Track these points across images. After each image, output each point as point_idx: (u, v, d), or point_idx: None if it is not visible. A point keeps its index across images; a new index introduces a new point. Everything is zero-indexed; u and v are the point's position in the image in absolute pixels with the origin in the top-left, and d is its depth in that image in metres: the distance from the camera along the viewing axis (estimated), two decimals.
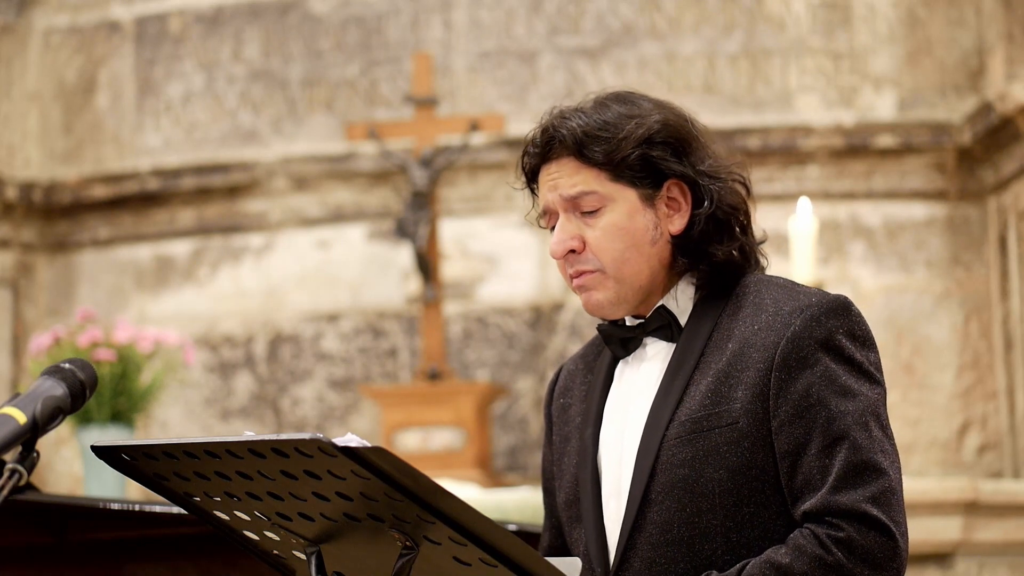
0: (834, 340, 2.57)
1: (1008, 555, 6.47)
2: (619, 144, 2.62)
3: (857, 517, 2.50)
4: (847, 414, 2.54)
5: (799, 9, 8.17)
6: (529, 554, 2.30)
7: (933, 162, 8.00)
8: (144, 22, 8.92)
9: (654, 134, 2.63)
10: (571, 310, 8.26)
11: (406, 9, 8.55)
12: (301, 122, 8.65)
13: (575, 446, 2.74)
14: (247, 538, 2.48)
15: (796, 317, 2.58)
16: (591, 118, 2.65)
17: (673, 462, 2.57)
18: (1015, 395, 7.63)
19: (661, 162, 2.64)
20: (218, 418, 8.58)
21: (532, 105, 8.35)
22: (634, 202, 2.64)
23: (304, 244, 8.60)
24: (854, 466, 2.52)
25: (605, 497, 2.65)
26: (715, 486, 2.55)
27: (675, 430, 2.58)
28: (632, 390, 2.68)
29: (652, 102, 2.69)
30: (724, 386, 2.58)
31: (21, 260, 8.91)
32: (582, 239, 2.65)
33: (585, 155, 2.64)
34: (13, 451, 2.22)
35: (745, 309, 2.63)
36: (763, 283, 2.67)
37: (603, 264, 2.64)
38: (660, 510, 2.57)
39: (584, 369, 2.82)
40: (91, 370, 2.32)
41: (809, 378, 2.55)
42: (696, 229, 2.65)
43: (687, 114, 2.70)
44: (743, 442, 2.55)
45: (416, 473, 2.20)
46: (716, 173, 2.67)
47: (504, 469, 8.14)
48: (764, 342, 2.58)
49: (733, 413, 2.56)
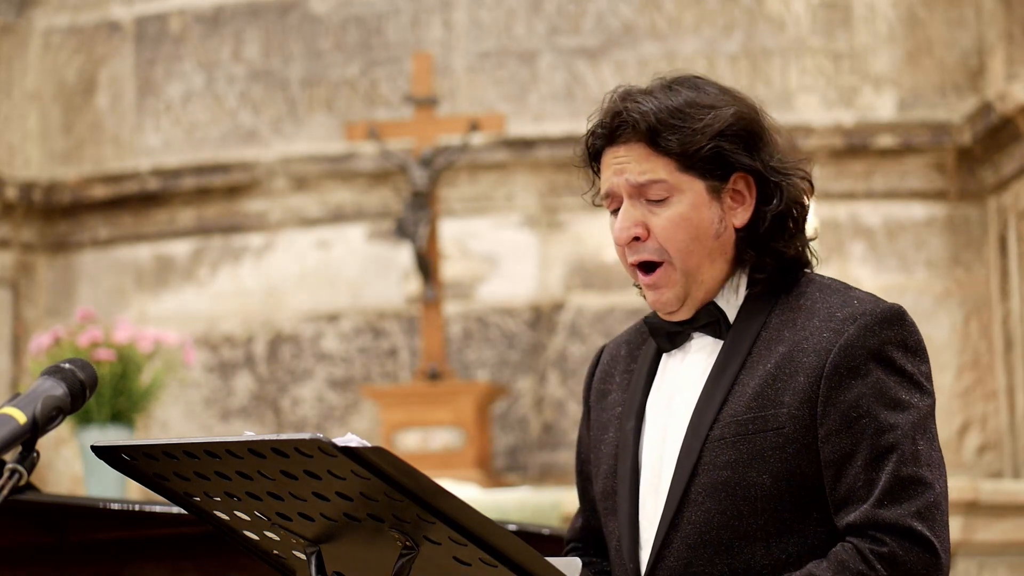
0: (886, 350, 2.53)
1: (1008, 555, 6.47)
2: (694, 135, 2.56)
3: (902, 532, 2.47)
4: (896, 427, 2.50)
5: (799, 9, 8.17)
6: (529, 554, 2.29)
7: (933, 162, 8.01)
8: (144, 22, 8.92)
9: (728, 127, 2.58)
10: (571, 310, 8.26)
11: (406, 9, 8.55)
12: (301, 122, 8.65)
13: (613, 437, 2.69)
14: (247, 538, 2.47)
15: (850, 325, 2.53)
16: (663, 103, 2.59)
17: (716, 463, 2.53)
18: (1015, 395, 7.63)
19: (732, 155, 2.58)
20: (218, 418, 8.58)
21: (532, 105, 8.36)
22: (701, 193, 2.59)
23: (304, 244, 8.60)
24: (901, 480, 2.49)
25: (643, 493, 2.62)
26: (758, 490, 2.52)
27: (719, 431, 2.54)
28: (676, 385, 2.64)
29: (719, 89, 2.64)
30: (771, 389, 2.54)
31: (21, 260, 8.91)
32: (647, 226, 2.61)
33: (657, 143, 2.58)
34: (13, 451, 2.22)
35: (797, 311, 2.59)
36: (816, 284, 2.63)
37: (669, 254, 2.60)
38: (699, 511, 2.54)
39: (627, 356, 2.77)
40: (91, 370, 2.32)
41: (859, 388, 2.51)
42: (763, 225, 2.60)
43: (758, 105, 2.65)
44: (788, 448, 2.51)
45: (416, 473, 2.20)
46: (785, 169, 2.63)
47: (504, 469, 8.14)
48: (815, 347, 2.54)
49: (780, 418, 2.52)
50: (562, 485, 7.72)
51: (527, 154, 8.34)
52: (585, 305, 8.26)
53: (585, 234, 8.28)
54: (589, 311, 8.24)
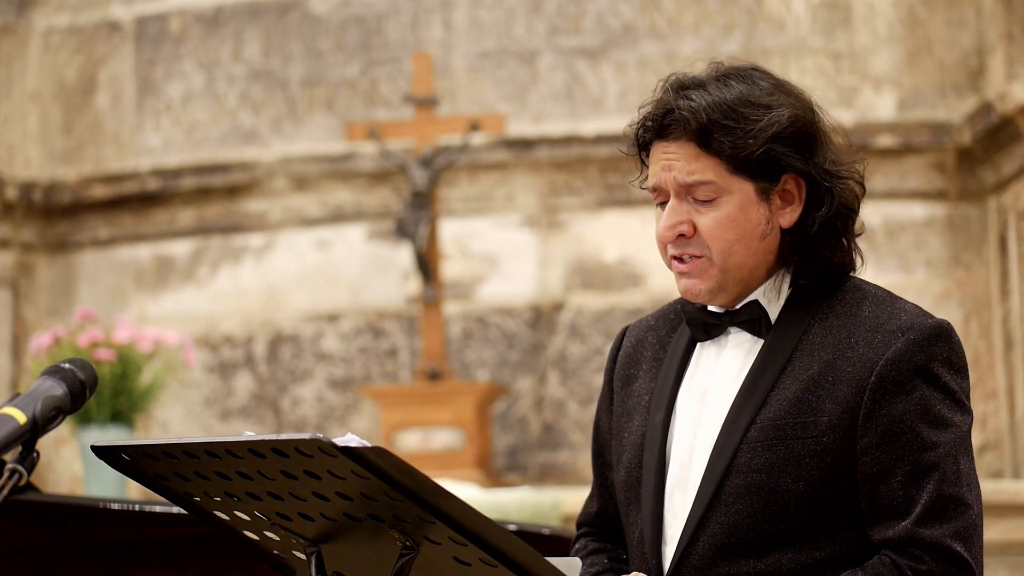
0: (933, 367, 2.50)
1: (1008, 555, 6.47)
2: (746, 138, 2.51)
3: (941, 552, 2.45)
4: (939, 445, 2.47)
5: (799, 9, 8.17)
6: (529, 554, 2.29)
7: (933, 162, 8.00)
8: (144, 22, 8.92)
9: (783, 130, 2.53)
10: (571, 310, 8.26)
11: (406, 9, 8.55)
12: (301, 122, 8.65)
13: (639, 426, 2.66)
14: (247, 538, 2.47)
15: (898, 338, 2.50)
16: (715, 99, 2.52)
17: (751, 466, 2.51)
18: (1015, 395, 7.63)
19: (784, 158, 2.54)
20: (218, 418, 8.58)
21: (532, 105, 8.36)
22: (750, 195, 2.54)
23: (304, 244, 8.60)
24: (941, 499, 2.46)
25: (669, 488, 2.59)
26: (791, 496, 2.49)
27: (756, 433, 2.51)
28: (710, 379, 2.61)
29: (773, 83, 2.58)
30: (813, 396, 2.50)
31: (21, 260, 8.91)
32: (693, 225, 2.55)
33: (709, 144, 2.52)
34: (13, 451, 2.22)
35: (842, 318, 2.55)
36: (861, 292, 2.59)
37: (712, 252, 2.54)
38: (730, 512, 2.51)
39: (655, 342, 2.72)
40: (91, 370, 2.32)
41: (904, 404, 2.48)
42: (811, 228, 2.56)
43: (812, 103, 2.60)
44: (826, 456, 2.48)
45: (416, 473, 2.20)
46: (837, 172, 2.58)
47: (504, 469, 8.14)
48: (861, 358, 2.50)
49: (820, 426, 2.49)
50: (562, 485, 7.71)
51: (527, 154, 8.34)
52: (585, 305, 8.26)
53: (585, 234, 8.28)
54: (589, 311, 8.24)
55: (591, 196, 8.30)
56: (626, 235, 8.19)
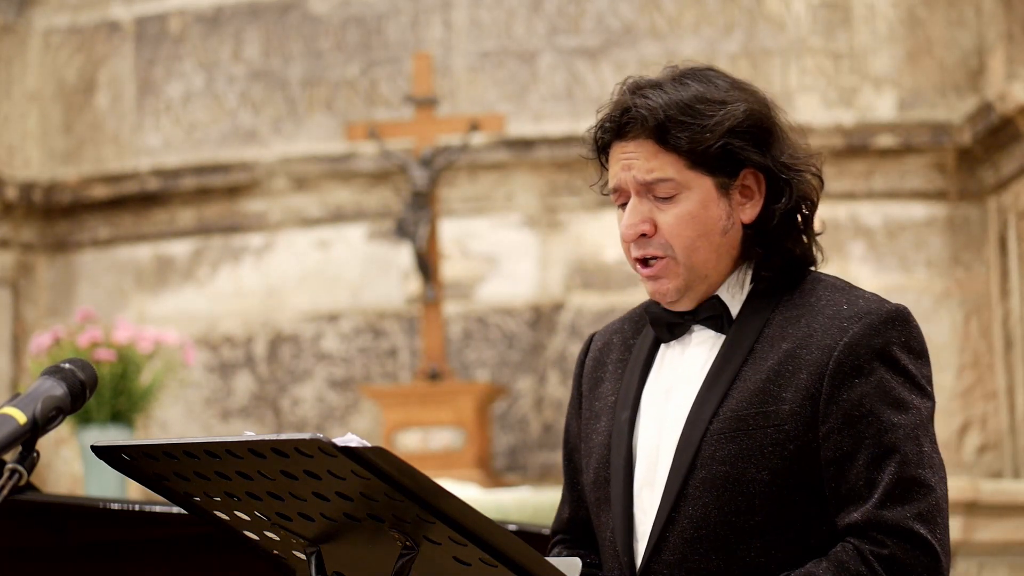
0: (891, 350, 2.51)
1: (1008, 555, 6.47)
2: (703, 133, 2.53)
3: (903, 534, 2.46)
4: (899, 427, 2.48)
5: (799, 9, 8.17)
6: (529, 554, 2.29)
7: (933, 162, 8.00)
8: (144, 22, 8.92)
9: (738, 124, 2.55)
10: (571, 310, 8.26)
11: (406, 9, 8.55)
12: (301, 122, 8.65)
13: (606, 426, 2.67)
14: (247, 538, 2.47)
15: (855, 323, 2.51)
16: (672, 98, 2.56)
17: (715, 458, 2.51)
18: (1015, 395, 7.63)
19: (742, 152, 2.55)
20: (218, 418, 8.58)
21: (532, 105, 8.36)
22: (709, 190, 2.56)
23: (304, 244, 8.60)
24: (903, 481, 2.46)
25: (638, 486, 2.60)
26: (756, 486, 2.49)
27: (719, 425, 2.52)
28: (674, 377, 2.62)
29: (730, 82, 2.61)
30: (774, 385, 2.52)
31: (21, 260, 8.91)
32: (654, 223, 2.57)
33: (666, 140, 2.54)
34: (13, 451, 2.22)
35: (801, 308, 2.57)
36: (820, 283, 2.60)
37: (674, 250, 2.57)
38: (697, 506, 2.52)
39: (621, 345, 2.73)
40: (91, 370, 2.32)
41: (863, 387, 2.49)
42: (771, 222, 2.58)
43: (768, 99, 2.62)
44: (788, 444, 2.49)
45: (416, 473, 2.20)
46: (795, 165, 2.59)
47: (504, 469, 8.14)
48: (819, 344, 2.51)
49: (781, 414, 2.50)
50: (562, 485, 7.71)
51: (527, 154, 8.34)
52: (585, 305, 8.26)
53: (585, 234, 8.28)
54: (589, 311, 8.23)
55: (591, 196, 8.27)
56: None
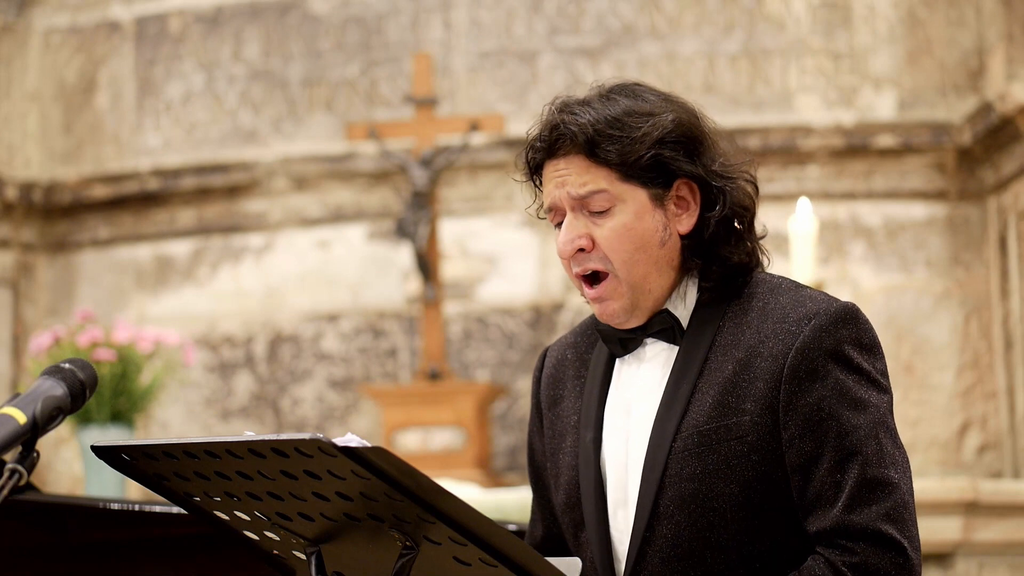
0: (842, 350, 2.51)
1: (1008, 555, 6.47)
2: (632, 144, 2.54)
3: (871, 537, 2.46)
4: (858, 428, 2.49)
5: (799, 9, 8.17)
6: (529, 554, 2.29)
7: (933, 162, 8.00)
8: (144, 22, 8.92)
9: (667, 134, 2.56)
10: (571, 310, 8.26)
11: (406, 9, 8.56)
12: (301, 122, 8.65)
13: (571, 447, 2.67)
14: (247, 538, 2.47)
15: (804, 326, 2.52)
16: (600, 113, 2.57)
17: (682, 476, 2.52)
18: (1015, 395, 7.63)
19: (673, 162, 2.57)
20: (218, 418, 8.58)
21: (532, 105, 8.35)
22: (644, 202, 2.57)
23: (304, 244, 8.60)
24: (867, 482, 2.47)
25: (611, 506, 2.60)
26: (726, 500, 2.50)
27: (682, 443, 2.53)
28: (634, 393, 2.63)
29: (658, 95, 2.62)
30: (732, 397, 2.52)
31: (21, 260, 8.91)
32: (591, 238, 2.60)
33: (596, 154, 2.56)
34: (13, 451, 2.22)
35: (750, 314, 2.57)
36: (767, 286, 2.61)
37: (613, 264, 2.59)
38: (671, 524, 2.53)
39: (575, 360, 2.75)
40: (91, 370, 2.32)
41: (819, 391, 2.49)
42: (707, 231, 2.58)
43: (697, 110, 2.64)
44: (753, 455, 2.50)
45: (416, 473, 2.20)
46: (727, 173, 2.61)
47: (504, 469, 8.14)
48: (772, 351, 2.52)
49: (743, 426, 2.51)
50: None
51: None
52: (585, 305, 8.22)
53: None
54: (589, 311, 8.22)
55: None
56: None
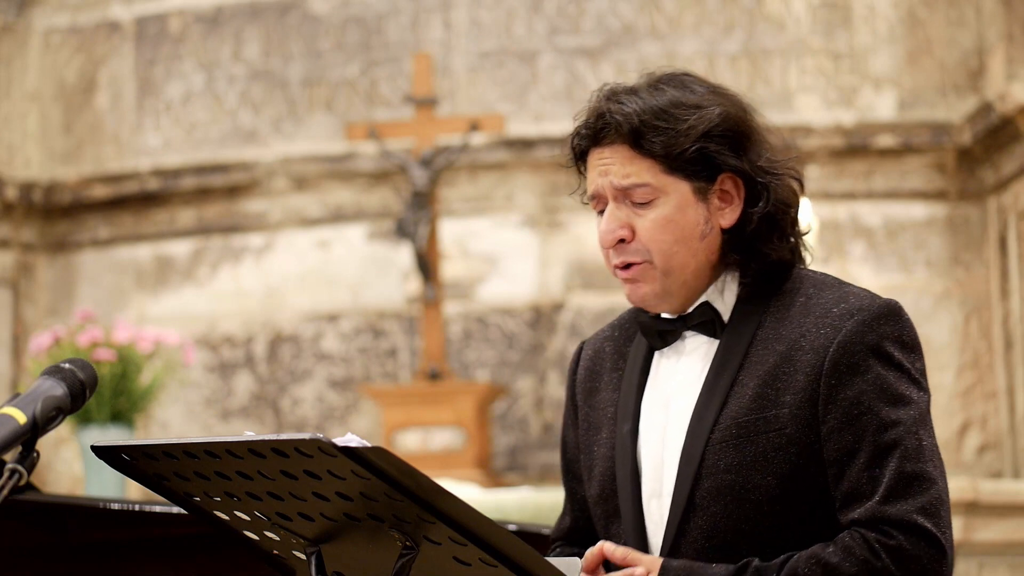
0: (884, 346, 2.51)
1: (1008, 555, 6.47)
2: (678, 137, 2.53)
3: (908, 528, 2.46)
4: (898, 422, 2.48)
5: (799, 9, 8.17)
6: (529, 554, 2.29)
7: (933, 162, 8.00)
8: (144, 22, 8.92)
9: (714, 127, 2.55)
10: (571, 310, 8.26)
11: (406, 9, 8.56)
12: (301, 122, 8.65)
13: (607, 439, 2.67)
14: (247, 538, 2.47)
15: (847, 320, 2.51)
16: (647, 103, 2.56)
17: (719, 467, 2.51)
18: (1015, 395, 7.63)
19: (718, 156, 2.55)
20: (218, 418, 8.58)
21: (532, 105, 8.36)
22: (687, 195, 2.56)
23: (304, 244, 8.60)
24: (905, 476, 2.47)
25: (646, 497, 2.60)
26: (762, 492, 2.50)
27: (720, 434, 2.52)
28: (672, 386, 2.61)
29: (707, 87, 2.61)
30: (771, 389, 2.52)
31: (21, 260, 8.91)
32: (632, 228, 2.57)
33: (641, 145, 2.55)
34: (13, 451, 2.22)
35: (792, 308, 2.56)
36: (810, 281, 2.60)
37: (651, 255, 2.56)
38: (706, 516, 2.52)
39: (613, 353, 2.73)
40: (91, 370, 2.32)
41: (860, 385, 2.49)
42: (749, 226, 2.57)
43: (746, 103, 2.62)
44: (791, 448, 2.49)
45: (416, 473, 2.20)
46: (773, 169, 2.59)
47: (504, 469, 8.14)
48: (813, 345, 2.51)
49: (781, 419, 2.50)
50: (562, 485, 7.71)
51: (527, 154, 8.34)
52: (585, 305, 8.26)
53: (585, 234, 8.28)
54: (589, 311, 8.24)
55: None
56: None
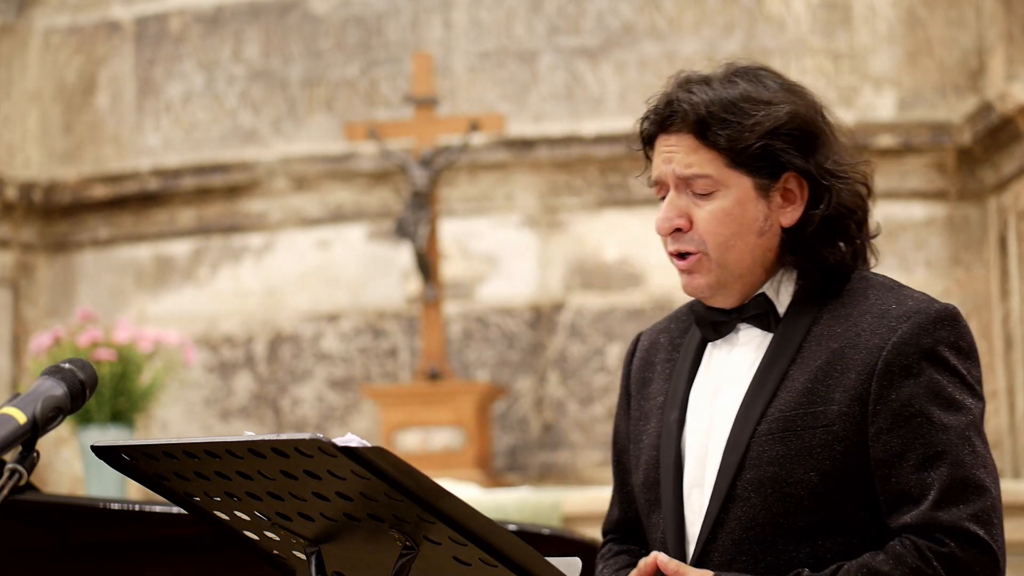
0: (940, 350, 2.49)
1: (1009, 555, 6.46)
2: (743, 132, 2.53)
3: (960, 535, 2.45)
4: (950, 428, 2.47)
5: (799, 9, 8.17)
6: (529, 554, 2.29)
7: (933, 162, 8.00)
8: (144, 22, 8.92)
9: (781, 125, 2.54)
10: (571, 310, 8.26)
11: (406, 9, 8.55)
12: (301, 122, 8.65)
13: (655, 427, 2.66)
14: (247, 538, 2.47)
15: (903, 323, 2.50)
16: (717, 95, 2.55)
17: (763, 459, 2.51)
18: (1015, 395, 7.63)
19: (783, 154, 2.54)
20: (218, 418, 8.58)
21: (532, 105, 8.36)
22: (748, 190, 2.55)
23: (304, 244, 8.60)
24: (957, 482, 2.45)
25: (687, 487, 2.59)
26: (804, 488, 2.49)
27: (767, 426, 2.51)
28: (722, 377, 2.61)
29: (781, 84, 2.59)
30: (822, 385, 2.51)
31: (21, 260, 8.91)
32: (690, 218, 2.57)
33: (706, 136, 2.54)
34: (13, 451, 2.22)
35: (849, 308, 2.55)
36: (869, 282, 2.59)
37: (707, 247, 2.55)
38: (746, 507, 2.51)
39: (668, 345, 2.72)
40: (91, 370, 2.32)
41: (912, 388, 2.48)
42: (809, 228, 2.56)
43: (818, 103, 2.61)
44: (836, 445, 2.48)
45: (416, 473, 2.20)
46: (839, 172, 2.57)
47: (504, 469, 8.14)
48: (867, 344, 2.50)
49: (829, 415, 2.49)
50: (562, 485, 7.71)
51: (527, 154, 8.34)
52: (585, 305, 8.26)
53: (585, 234, 8.28)
54: (589, 311, 8.24)
55: (591, 196, 8.31)
56: (626, 235, 8.19)
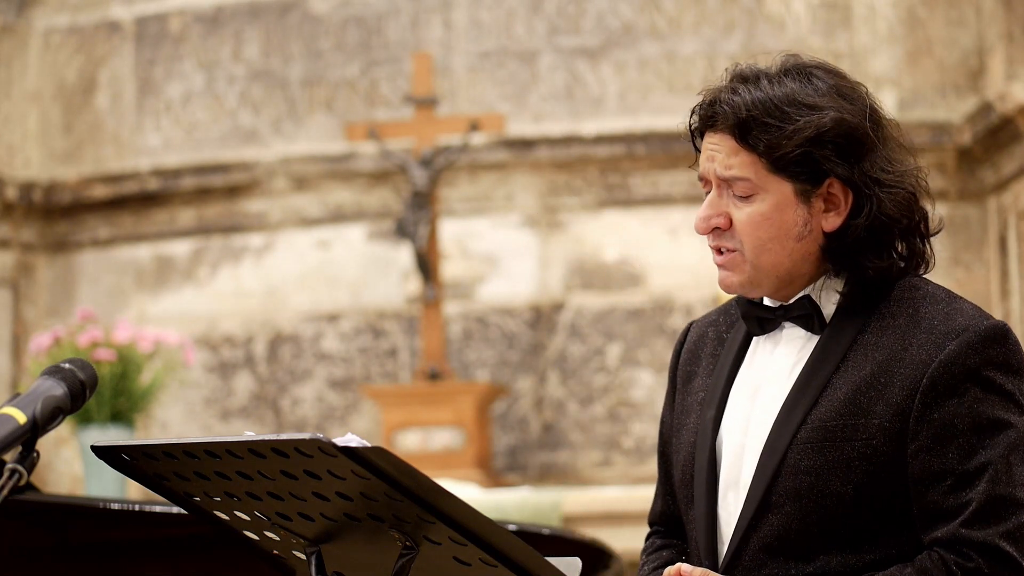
0: (986, 371, 2.46)
1: None
2: (782, 138, 2.49)
3: (988, 552, 2.42)
4: (989, 448, 2.44)
5: (799, 9, 8.17)
6: (529, 554, 2.29)
7: (933, 162, 8.00)
8: (144, 22, 8.92)
9: (824, 133, 2.50)
10: (571, 310, 8.26)
11: (406, 9, 8.55)
12: (301, 122, 8.65)
13: (693, 423, 2.64)
14: (247, 538, 2.47)
15: (951, 340, 2.47)
16: (761, 96, 2.50)
17: (799, 467, 2.48)
18: None
19: (825, 161, 2.50)
20: (218, 418, 8.58)
21: (532, 105, 8.36)
22: (788, 195, 2.52)
23: (304, 244, 8.60)
24: (992, 500, 2.43)
25: (723, 487, 2.57)
26: (839, 499, 2.46)
27: (806, 434, 2.49)
28: (764, 376, 2.59)
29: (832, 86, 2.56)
30: (864, 397, 2.48)
31: (21, 260, 8.91)
32: (729, 218, 2.54)
33: (746, 140, 2.51)
34: (13, 451, 2.22)
35: (898, 319, 2.52)
36: (919, 293, 2.56)
37: (744, 247, 2.53)
38: (780, 515, 2.49)
39: (714, 339, 2.70)
40: (91, 370, 2.32)
41: (956, 408, 2.45)
42: (850, 236, 2.52)
43: (869, 108, 2.57)
44: (875, 459, 2.46)
45: (416, 473, 2.20)
46: (885, 180, 2.53)
47: (504, 469, 8.14)
48: (913, 359, 2.47)
49: (870, 428, 2.46)
50: (562, 485, 7.72)
51: (527, 154, 8.34)
52: (585, 305, 8.26)
53: (585, 234, 8.28)
54: (589, 311, 8.24)
55: (591, 196, 8.31)
56: (626, 235, 8.19)
